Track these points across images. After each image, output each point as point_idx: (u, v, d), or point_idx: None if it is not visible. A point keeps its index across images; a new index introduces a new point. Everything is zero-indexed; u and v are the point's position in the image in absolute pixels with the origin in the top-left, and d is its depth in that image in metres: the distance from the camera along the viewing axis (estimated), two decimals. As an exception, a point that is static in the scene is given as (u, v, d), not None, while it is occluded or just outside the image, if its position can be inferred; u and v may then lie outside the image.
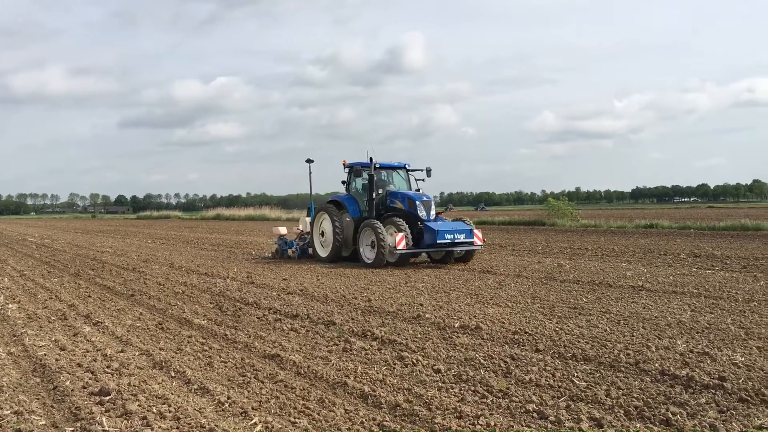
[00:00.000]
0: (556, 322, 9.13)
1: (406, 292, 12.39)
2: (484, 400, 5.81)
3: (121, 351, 8.07)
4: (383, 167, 19.32)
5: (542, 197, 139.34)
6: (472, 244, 17.45)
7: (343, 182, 20.14)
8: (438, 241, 16.81)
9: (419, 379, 6.56)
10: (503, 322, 9.13)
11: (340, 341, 8.35)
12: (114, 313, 10.90)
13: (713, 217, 40.41)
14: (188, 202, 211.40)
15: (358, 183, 19.77)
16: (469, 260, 17.99)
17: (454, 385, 6.32)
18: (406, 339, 8.30)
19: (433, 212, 17.93)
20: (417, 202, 17.81)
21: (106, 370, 7.12)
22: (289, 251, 20.80)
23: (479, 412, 5.42)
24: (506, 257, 19.80)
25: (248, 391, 6.34)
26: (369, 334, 8.68)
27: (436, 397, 5.88)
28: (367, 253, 17.63)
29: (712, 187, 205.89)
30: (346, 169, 20.12)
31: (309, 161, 21.10)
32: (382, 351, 7.77)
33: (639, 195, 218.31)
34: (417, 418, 5.42)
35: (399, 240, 16.82)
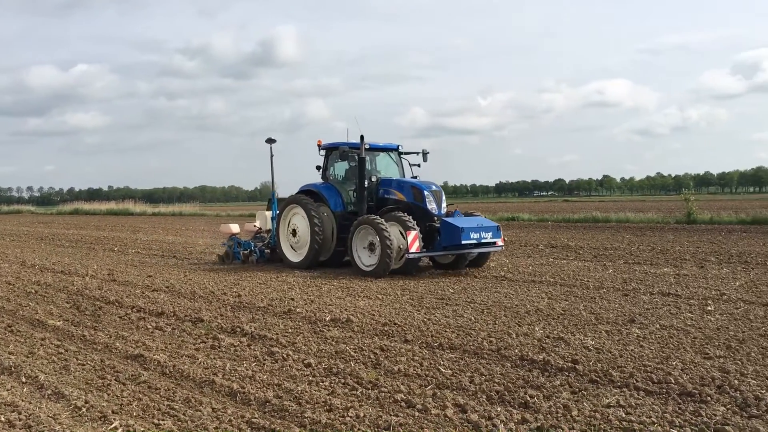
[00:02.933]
0: (425, 313, 9.38)
1: (278, 287, 12.26)
2: (354, 392, 5.86)
3: (-36, 357, 7.41)
4: (373, 148, 15.55)
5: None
6: (495, 244, 14.18)
7: (318, 168, 16.21)
8: (463, 242, 13.27)
9: (289, 374, 6.52)
10: (373, 314, 9.26)
11: (208, 338, 8.13)
12: (-45, 317, 10.00)
13: (568, 210, 43.05)
14: (43, 196, 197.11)
15: (339, 168, 16.10)
16: (483, 264, 14.67)
17: (324, 378, 6.34)
18: (277, 334, 8.22)
19: (444, 205, 14.55)
20: (425, 192, 14.22)
21: (-54, 378, 6.52)
22: (243, 254, 16.88)
23: (349, 404, 5.47)
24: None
25: (108, 394, 6.02)
26: (238, 330, 8.51)
27: (307, 392, 5.87)
28: (365, 258, 13.82)
29: (567, 182, 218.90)
30: (322, 152, 16.11)
31: (270, 141, 16.98)
32: (252, 347, 7.65)
33: (502, 189, 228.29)
34: (287, 413, 5.38)
35: (412, 240, 13.20)
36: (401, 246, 13.44)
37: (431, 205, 14.15)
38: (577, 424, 4.93)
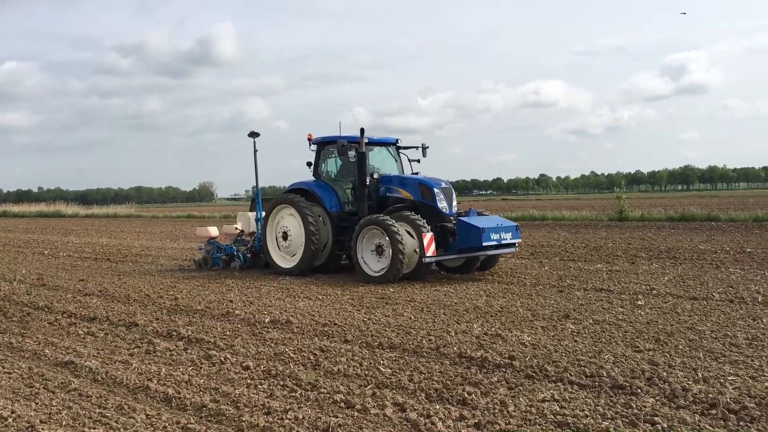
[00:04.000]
0: (365, 313, 9.38)
1: (216, 289, 12.06)
2: (293, 394, 5.82)
3: None
4: (372, 142, 14.15)
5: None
6: (514, 245, 13.17)
7: (309, 164, 14.84)
8: (484, 243, 12.06)
9: (227, 377, 6.42)
10: (313, 315, 9.21)
11: (142, 343, 7.93)
12: None
13: (507, 208, 43.76)
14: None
15: (332, 164, 14.81)
16: (492, 266, 13.54)
17: (263, 381, 6.26)
18: (215, 337, 8.08)
19: (455, 204, 13.39)
20: (435, 190, 12.97)
21: None
22: (223, 259, 15.52)
23: (288, 407, 5.42)
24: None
25: (36, 403, 5.80)
26: (175, 334, 8.33)
27: (245, 395, 5.79)
28: (371, 263, 12.52)
29: (505, 181, 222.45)
30: (313, 146, 14.78)
31: (253, 135, 15.33)
32: (189, 351, 7.50)
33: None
34: (224, 417, 5.29)
35: (428, 242, 11.99)
36: (416, 249, 12.17)
37: (442, 204, 12.92)
38: (514, 420, 5.02)
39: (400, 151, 14.95)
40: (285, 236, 14.20)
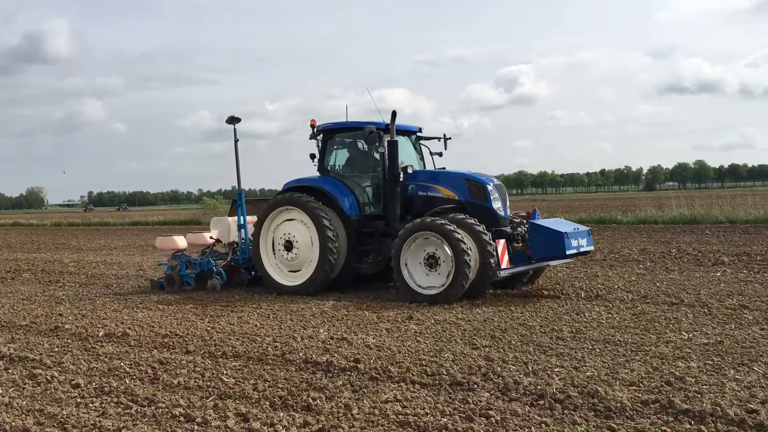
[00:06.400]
0: (208, 321, 9.09)
1: (44, 302, 11.18)
2: (128, 411, 5.50)
3: None
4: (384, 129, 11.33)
5: (199, 196, 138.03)
6: (588, 252, 11.34)
7: (312, 156, 12.31)
8: (568, 252, 10.15)
9: (54, 397, 5.95)
10: (153, 326, 8.78)
11: (-46, 365, 7.16)
12: None
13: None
14: None
15: (341, 156, 12.28)
16: (538, 278, 11.71)
17: (95, 399, 5.87)
18: (41, 354, 7.47)
19: (508, 205, 11.29)
20: (488, 187, 10.79)
21: None
22: (194, 276, 12.44)
23: (122, 425, 5.12)
24: (160, 258, 19.10)
25: None
26: (-6, 353, 7.61)
27: (74, 415, 5.40)
28: (420, 278, 10.14)
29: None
30: (319, 135, 12.21)
31: (233, 120, 12.46)
32: (10, 371, 6.88)
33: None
34: (49, 441, 4.90)
35: (502, 251, 10.14)
36: (490, 261, 9.90)
37: (497, 205, 10.78)
38: (357, 422, 5.07)
39: (420, 142, 12.69)
40: (289, 246, 11.48)
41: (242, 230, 12.64)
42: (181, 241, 12.74)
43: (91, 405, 5.69)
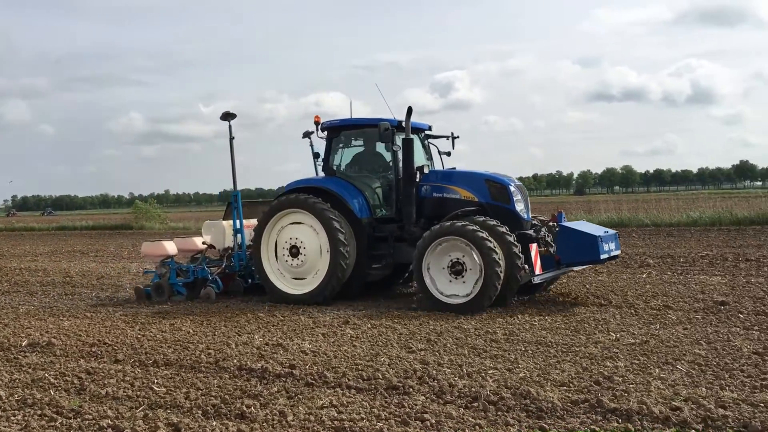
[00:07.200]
0: (139, 329, 8.85)
1: (-39, 311, 10.65)
2: (53, 424, 5.28)
3: None
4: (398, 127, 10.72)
5: (130, 200, 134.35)
6: (617, 257, 10.81)
7: (316, 155, 11.65)
8: (602, 257, 9.61)
9: (-28, 411, 5.67)
10: (80, 335, 8.49)
11: None
12: None
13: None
14: None
15: (347, 155, 11.50)
16: (552, 285, 11.18)
17: (17, 411, 5.61)
18: (-42, 366, 7.11)
19: (530, 207, 10.69)
20: (510, 188, 10.22)
21: None
22: (174, 284, 11.58)
23: (46, 438, 4.92)
24: (88, 264, 18.53)
25: None
26: None
27: (-7, 429, 5.16)
28: (443, 286, 9.52)
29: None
30: (323, 132, 11.45)
31: (228, 116, 11.79)
32: (-76, 384, 6.52)
33: (227, 197, 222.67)
34: (-34, 457, 4.67)
35: (536, 256, 9.60)
36: (518, 266, 9.37)
37: (520, 207, 10.19)
38: (292, 429, 5.02)
39: (429, 141, 11.91)
40: (294, 252, 10.74)
41: (239, 235, 11.84)
42: (170, 247, 11.84)
43: (13, 418, 5.45)
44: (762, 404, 5.10)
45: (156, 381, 6.37)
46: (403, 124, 10.36)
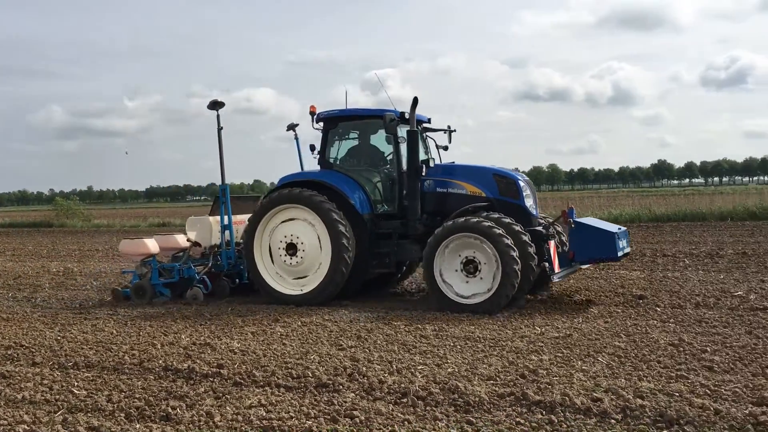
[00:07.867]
0: (59, 330, 8.53)
1: None
2: (-36, 431, 5.04)
3: None
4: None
5: (50, 197, 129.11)
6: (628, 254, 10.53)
7: (312, 147, 11.01)
8: (619, 254, 9.35)
9: None
10: (-6, 338, 8.12)
11: None
12: None
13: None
14: None
15: (344, 147, 10.92)
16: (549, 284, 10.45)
17: (-76, 419, 5.33)
18: None
19: (537, 203, 10.28)
20: (520, 183, 9.87)
21: None
22: (156, 285, 10.85)
23: (-44, 447, 4.69)
24: (4, 264, 17.71)
25: None
26: None
27: None
28: (458, 286, 9.11)
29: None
30: (319, 123, 10.90)
31: (216, 105, 11.02)
32: None
33: (153, 194, 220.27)
34: None
35: (554, 253, 9.34)
36: (548, 266, 9.19)
37: (529, 202, 9.82)
38: (219, 430, 4.94)
39: (426, 134, 11.31)
40: (292, 250, 10.13)
41: (227, 231, 11.13)
42: (152, 245, 10.96)
43: None
44: (677, 394, 5.33)
45: (76, 384, 6.16)
46: (407, 115, 9.90)
